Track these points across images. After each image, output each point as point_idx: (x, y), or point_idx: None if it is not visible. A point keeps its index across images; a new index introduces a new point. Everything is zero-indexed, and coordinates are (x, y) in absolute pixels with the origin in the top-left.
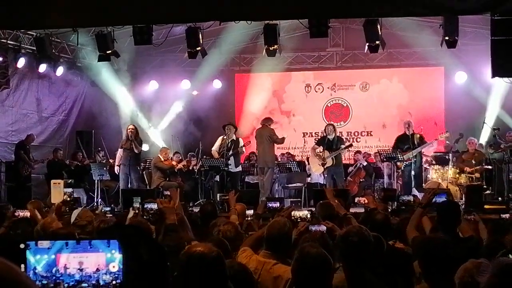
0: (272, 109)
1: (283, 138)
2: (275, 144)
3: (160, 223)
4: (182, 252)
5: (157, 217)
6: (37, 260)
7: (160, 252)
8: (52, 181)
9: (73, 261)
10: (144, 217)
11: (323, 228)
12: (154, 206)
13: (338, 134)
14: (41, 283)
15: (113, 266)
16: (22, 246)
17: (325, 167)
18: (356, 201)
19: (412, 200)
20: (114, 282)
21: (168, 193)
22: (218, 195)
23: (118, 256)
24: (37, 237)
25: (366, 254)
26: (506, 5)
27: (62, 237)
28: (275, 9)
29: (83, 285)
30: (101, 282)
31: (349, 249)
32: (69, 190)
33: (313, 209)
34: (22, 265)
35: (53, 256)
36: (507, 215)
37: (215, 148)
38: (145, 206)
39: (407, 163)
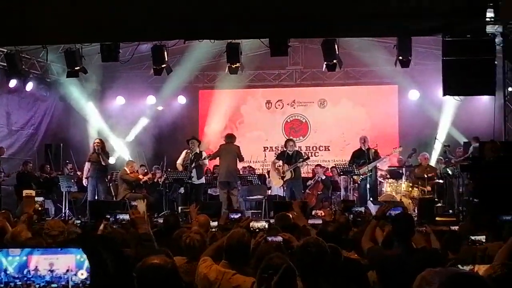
0: (233, 124)
1: (243, 159)
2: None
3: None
4: (138, 264)
5: (128, 227)
6: (8, 262)
7: (126, 264)
8: (25, 191)
9: (43, 262)
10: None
11: (279, 239)
12: (126, 217)
13: (297, 149)
14: (14, 284)
15: (82, 274)
16: None
17: (284, 180)
18: (313, 213)
19: (363, 211)
20: (82, 284)
21: (136, 203)
22: (180, 208)
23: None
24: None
25: (323, 264)
26: (456, 28)
27: (31, 246)
28: (237, 28)
29: (53, 285)
30: (71, 284)
31: (306, 259)
32: (40, 199)
33: (272, 220)
34: None
35: (24, 258)
36: (456, 227)
37: (179, 161)
38: (117, 217)
39: (363, 176)
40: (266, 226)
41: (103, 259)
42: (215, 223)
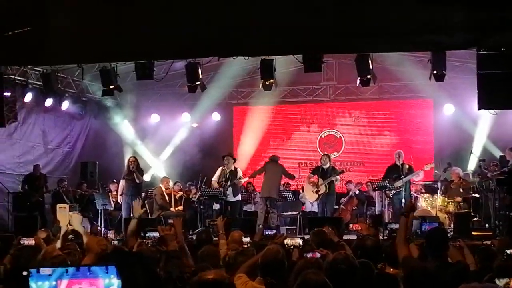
0: (267, 139)
1: (294, 176)
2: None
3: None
4: (194, 279)
5: (159, 244)
6: (38, 286)
7: (156, 280)
8: (58, 205)
9: (73, 287)
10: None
11: (317, 255)
12: (156, 234)
13: (332, 164)
14: None
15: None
16: (24, 273)
17: (319, 194)
18: (350, 228)
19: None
20: None
21: (171, 221)
22: (207, 221)
23: (116, 281)
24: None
25: (354, 280)
26: (490, 41)
27: (60, 263)
28: (271, 45)
29: None
30: None
31: (337, 276)
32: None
33: (306, 236)
34: None
35: (54, 283)
36: (489, 242)
37: (214, 178)
38: (148, 234)
39: (394, 191)
40: (301, 243)
41: (134, 274)
42: (247, 239)
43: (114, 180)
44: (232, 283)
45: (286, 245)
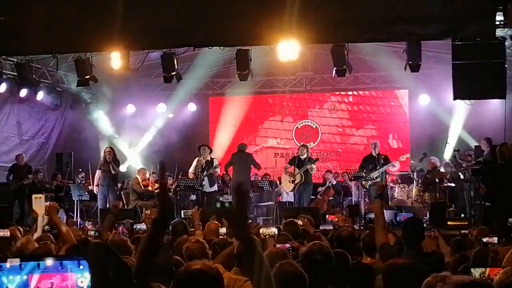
0: (243, 130)
1: (260, 165)
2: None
3: (138, 242)
4: (180, 270)
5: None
6: (9, 281)
7: (126, 271)
8: (34, 196)
9: (44, 281)
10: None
11: (286, 246)
12: (143, 226)
13: (310, 155)
14: None
15: (81, 281)
16: None
17: (295, 183)
18: (327, 218)
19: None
20: None
21: (148, 212)
22: (182, 212)
23: (88, 276)
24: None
25: (329, 270)
26: (466, 31)
27: (38, 255)
28: (246, 35)
29: None
30: None
31: (312, 267)
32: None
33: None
34: None
35: (25, 277)
36: (467, 231)
37: (191, 170)
38: (134, 226)
39: (371, 182)
40: (276, 232)
41: (103, 266)
42: (224, 230)
43: (81, 170)
44: (219, 274)
45: (262, 235)
